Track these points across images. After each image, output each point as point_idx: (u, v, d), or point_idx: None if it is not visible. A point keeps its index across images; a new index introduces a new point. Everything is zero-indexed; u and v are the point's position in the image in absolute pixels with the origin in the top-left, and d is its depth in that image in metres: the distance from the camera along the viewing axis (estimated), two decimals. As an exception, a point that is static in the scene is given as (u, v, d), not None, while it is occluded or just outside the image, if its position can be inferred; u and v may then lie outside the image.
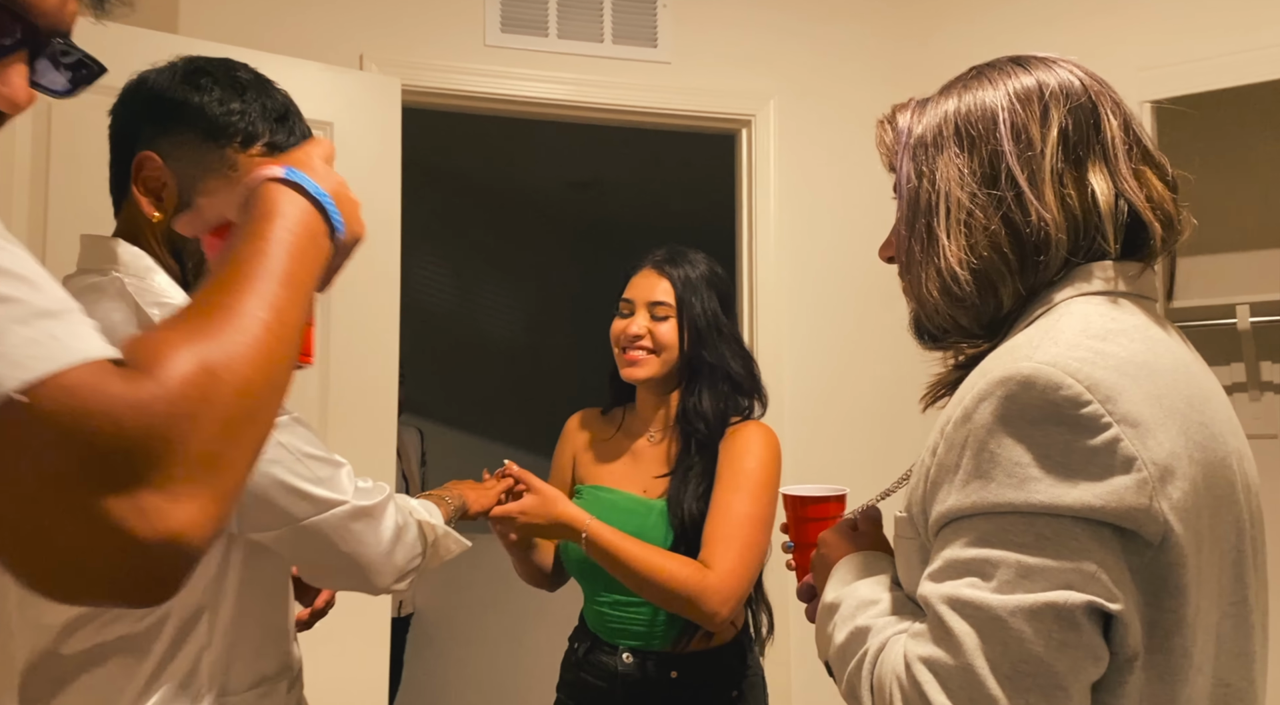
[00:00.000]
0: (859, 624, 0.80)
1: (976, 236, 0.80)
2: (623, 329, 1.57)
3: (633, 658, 1.53)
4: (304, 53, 2.02)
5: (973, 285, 0.80)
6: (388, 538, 1.13)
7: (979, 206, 0.80)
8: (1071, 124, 0.80)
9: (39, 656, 1.05)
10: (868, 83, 2.50)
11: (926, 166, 0.83)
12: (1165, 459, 0.69)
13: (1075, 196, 0.79)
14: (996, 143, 0.80)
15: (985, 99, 0.83)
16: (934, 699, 0.68)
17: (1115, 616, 0.68)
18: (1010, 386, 0.70)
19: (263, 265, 0.57)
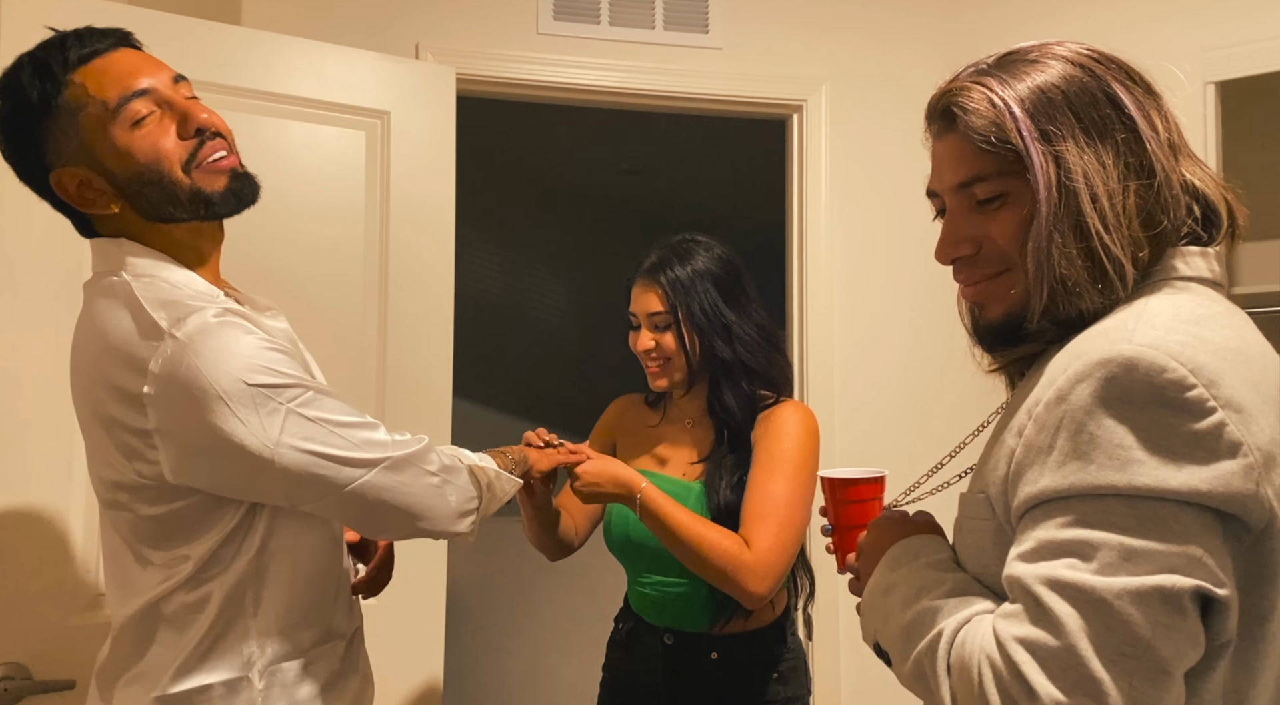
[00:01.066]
0: (927, 604, 0.78)
1: (1127, 219, 0.78)
2: (633, 344, 1.61)
3: (673, 639, 1.55)
4: (361, 43, 2.06)
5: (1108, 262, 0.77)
6: (435, 480, 1.16)
7: (1130, 195, 0.78)
8: (1158, 115, 0.80)
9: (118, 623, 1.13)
10: (922, 65, 2.47)
11: (1061, 156, 0.78)
12: (1268, 445, 0.68)
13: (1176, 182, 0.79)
14: (1132, 126, 0.79)
15: (1089, 83, 0.80)
16: (1034, 680, 0.67)
17: (1219, 602, 0.67)
18: (1111, 368, 0.69)
19: None
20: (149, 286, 1.07)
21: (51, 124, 1.04)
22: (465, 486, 1.21)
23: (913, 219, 2.42)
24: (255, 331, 1.07)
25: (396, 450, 1.13)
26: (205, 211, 1.10)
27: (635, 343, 1.61)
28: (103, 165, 1.05)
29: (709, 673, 1.54)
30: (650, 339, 1.57)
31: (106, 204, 1.07)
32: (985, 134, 0.80)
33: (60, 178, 1.06)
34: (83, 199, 1.07)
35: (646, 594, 1.58)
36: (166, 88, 1.07)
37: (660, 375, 1.59)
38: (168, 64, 1.11)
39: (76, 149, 1.04)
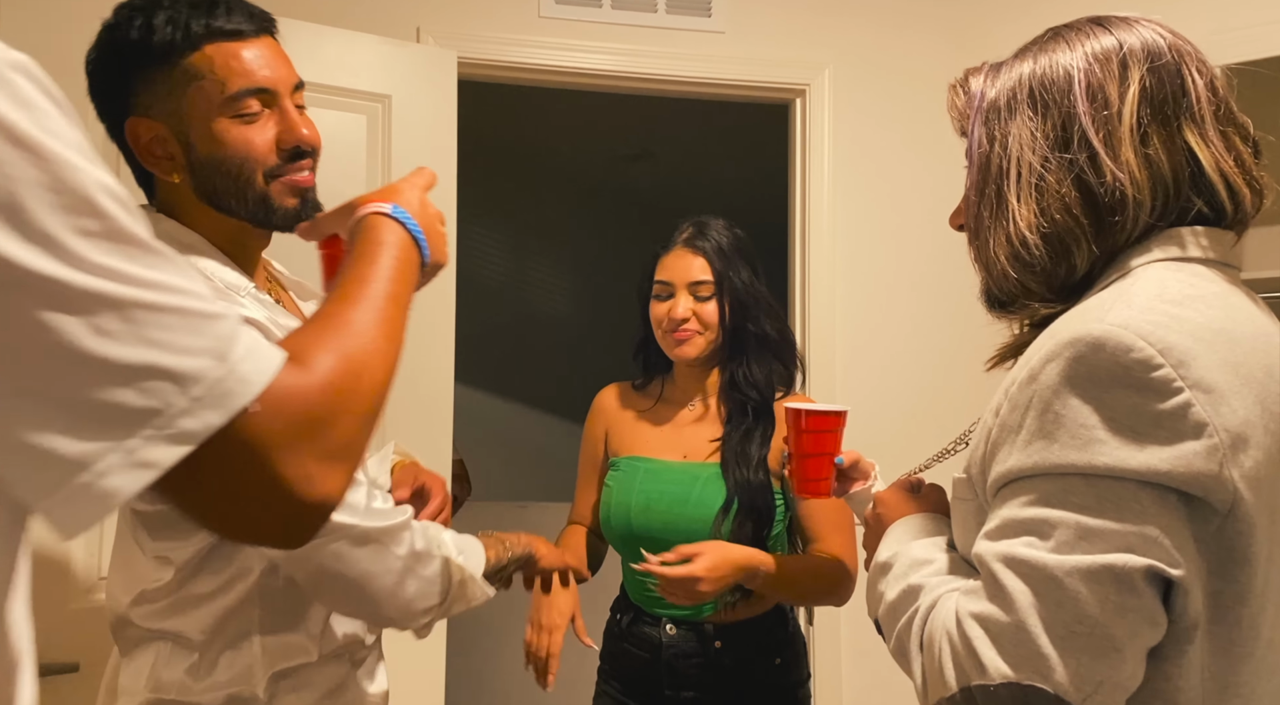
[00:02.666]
0: (911, 582, 0.80)
1: (1049, 200, 0.78)
2: (666, 312, 1.57)
3: (676, 629, 1.54)
4: (362, 26, 2.04)
5: (1043, 249, 0.79)
6: (398, 567, 1.02)
7: (1051, 170, 0.78)
8: (1154, 82, 0.77)
9: (115, 619, 1.10)
10: (925, 51, 2.45)
11: (999, 131, 0.82)
12: (1238, 427, 0.67)
13: (1164, 156, 0.77)
14: (1070, 104, 0.78)
15: (1061, 61, 0.80)
16: (984, 654, 0.68)
17: (1176, 583, 0.67)
18: (1079, 348, 0.69)
19: (373, 287, 0.72)
20: None
21: (158, 75, 0.99)
22: (431, 579, 1.07)
23: (916, 204, 2.41)
24: None
25: (371, 520, 1.00)
26: (262, 219, 1.07)
27: (665, 312, 1.56)
28: (187, 137, 1.01)
29: (713, 661, 1.53)
30: (689, 308, 1.55)
31: (169, 171, 1.02)
32: (958, 125, 0.88)
33: (137, 126, 1.01)
34: (149, 155, 1.02)
35: (647, 584, 1.57)
36: (285, 94, 1.05)
37: (690, 342, 1.55)
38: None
39: (170, 111, 1.00)
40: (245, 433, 0.52)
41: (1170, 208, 0.77)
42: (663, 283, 1.58)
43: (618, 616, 1.65)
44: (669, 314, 1.56)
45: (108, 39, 1.01)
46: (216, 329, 0.52)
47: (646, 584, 1.57)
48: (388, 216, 0.82)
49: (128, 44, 0.99)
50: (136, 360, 0.49)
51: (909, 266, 2.42)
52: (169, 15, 0.99)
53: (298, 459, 0.54)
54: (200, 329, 0.51)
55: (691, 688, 1.54)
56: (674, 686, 1.55)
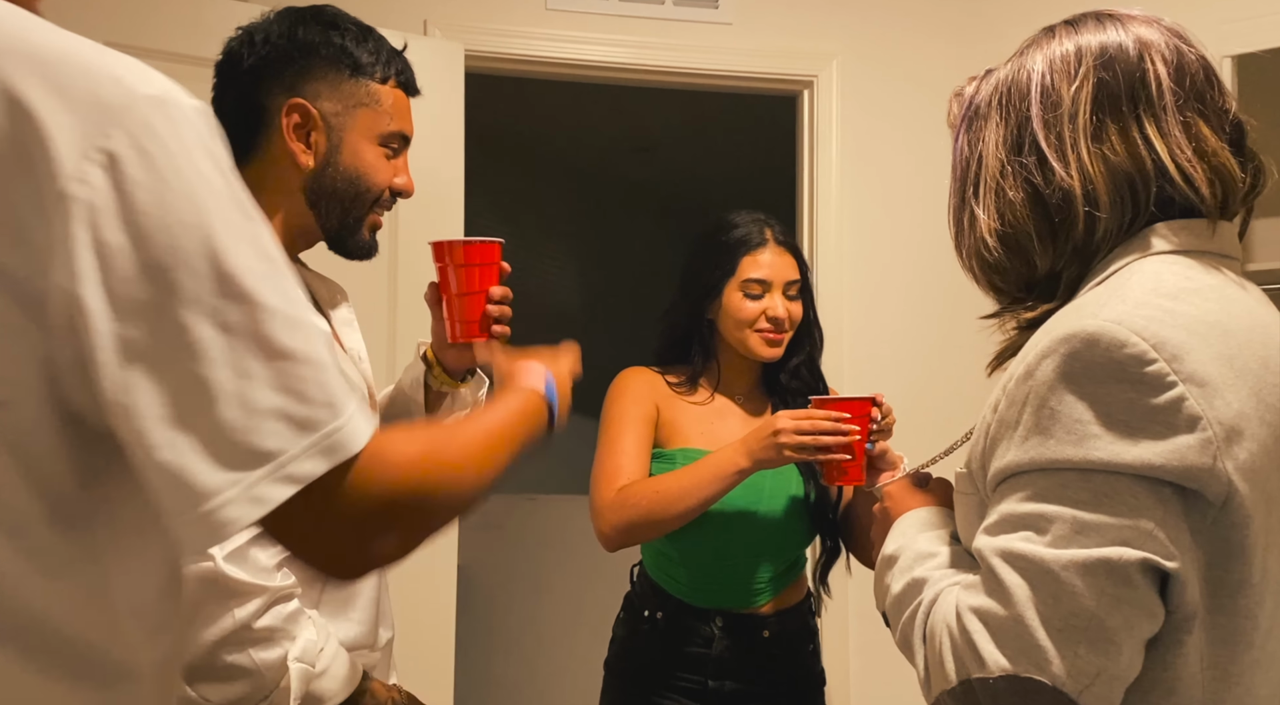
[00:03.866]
0: (915, 576, 0.81)
1: (1003, 204, 0.81)
2: (761, 312, 1.53)
3: (725, 621, 1.54)
4: (369, 19, 2.03)
5: (1000, 251, 0.81)
6: (224, 627, 0.97)
7: (1007, 175, 0.80)
8: (1109, 77, 0.78)
9: None
10: (932, 42, 2.45)
11: (978, 137, 0.84)
12: (1232, 419, 0.68)
13: (1123, 151, 0.77)
14: (1026, 108, 0.80)
15: (1028, 64, 0.82)
16: (983, 648, 0.69)
17: (1172, 575, 0.68)
18: (1073, 344, 0.70)
19: (490, 420, 0.85)
20: None
21: (343, 82, 1.11)
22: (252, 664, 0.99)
23: (922, 195, 2.40)
24: None
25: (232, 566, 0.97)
26: (334, 237, 1.16)
27: (760, 311, 1.53)
28: (340, 139, 1.11)
29: (763, 651, 1.54)
30: (785, 307, 1.54)
31: (308, 156, 1.10)
32: (952, 128, 0.89)
33: (300, 107, 1.08)
34: (298, 132, 1.09)
35: (707, 577, 1.55)
36: (409, 145, 1.21)
37: (779, 343, 1.56)
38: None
39: (335, 112, 1.11)
40: (334, 482, 0.58)
41: (1143, 201, 0.77)
42: (758, 281, 1.54)
43: (648, 613, 1.60)
44: (766, 313, 1.53)
45: (313, 31, 1.12)
46: (337, 386, 0.58)
47: (707, 578, 1.55)
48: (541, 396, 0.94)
49: (333, 45, 1.12)
50: (273, 405, 0.56)
51: (915, 258, 2.42)
52: (376, 45, 1.15)
53: (360, 516, 0.61)
54: (326, 384, 0.58)
55: (737, 680, 1.54)
56: (719, 678, 1.54)
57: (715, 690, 1.55)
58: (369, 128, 1.13)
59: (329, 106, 1.10)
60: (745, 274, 1.54)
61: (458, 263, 1.22)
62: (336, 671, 1.05)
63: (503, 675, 3.38)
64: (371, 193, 1.15)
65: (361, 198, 1.14)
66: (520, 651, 3.38)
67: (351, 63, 1.11)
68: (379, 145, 1.14)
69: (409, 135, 1.19)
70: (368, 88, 1.12)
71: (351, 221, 1.15)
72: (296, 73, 1.10)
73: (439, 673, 1.95)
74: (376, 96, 1.13)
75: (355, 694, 1.07)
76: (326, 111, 1.10)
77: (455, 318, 1.23)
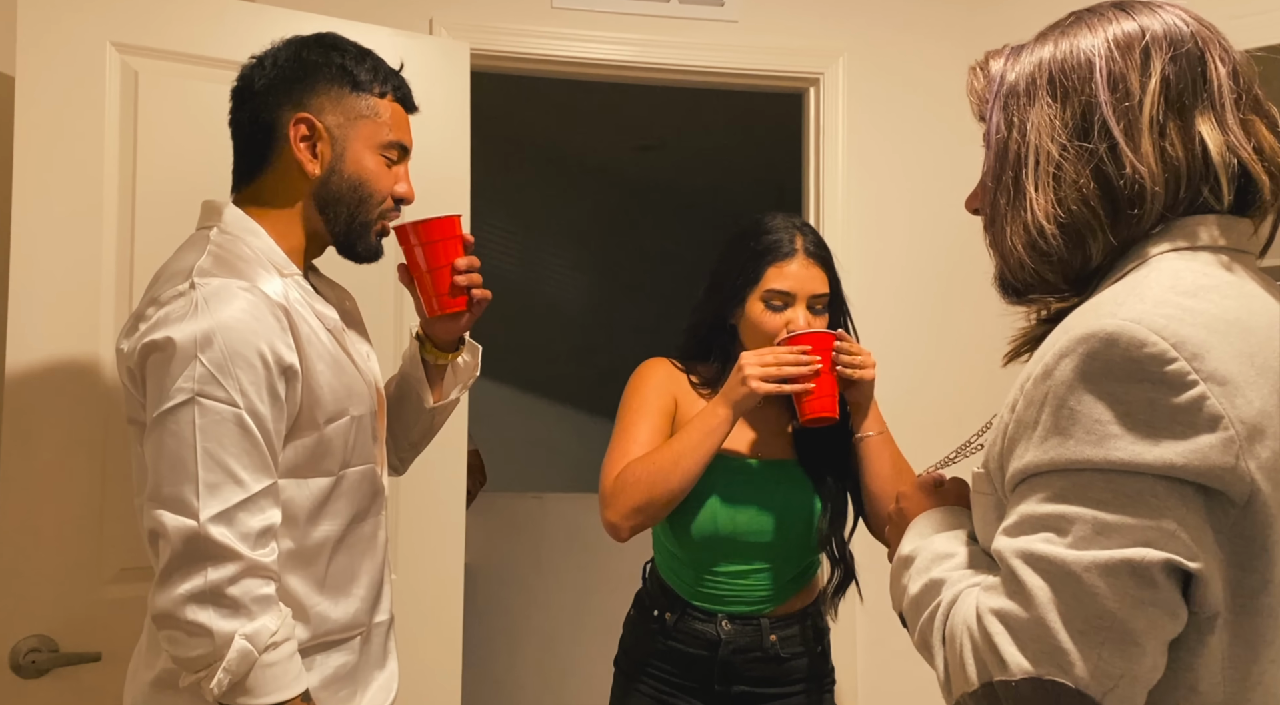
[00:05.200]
0: (934, 576, 0.80)
1: (1066, 190, 0.78)
2: (784, 325, 1.50)
3: (731, 624, 1.53)
4: (374, 18, 2.04)
5: (1060, 239, 0.78)
6: (196, 584, 1.01)
7: (1069, 159, 0.77)
8: (1174, 72, 0.76)
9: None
10: (939, 38, 2.44)
11: (1017, 117, 0.81)
12: (1254, 418, 0.67)
13: (1179, 147, 0.76)
14: (1091, 93, 0.77)
15: (1082, 46, 0.79)
16: (1005, 650, 0.69)
17: (1195, 575, 0.67)
18: (1093, 343, 0.69)
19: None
20: (229, 241, 1.17)
21: (343, 96, 1.22)
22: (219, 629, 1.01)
23: (930, 191, 2.39)
24: (268, 326, 1.10)
25: (219, 528, 1.02)
26: (343, 241, 1.26)
27: (782, 324, 1.50)
28: (343, 150, 1.21)
29: (769, 654, 1.54)
30: (807, 322, 1.51)
31: (315, 164, 1.20)
32: (976, 109, 0.87)
33: (306, 121, 1.20)
34: (305, 144, 1.20)
35: (719, 582, 1.54)
36: (409, 156, 1.31)
37: None
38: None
39: (339, 123, 1.21)
40: None
41: (1183, 197, 0.76)
42: (783, 293, 1.51)
43: (655, 612, 1.60)
44: (788, 327, 1.50)
45: (316, 53, 1.23)
46: None
47: (718, 583, 1.55)
48: None
49: (334, 65, 1.22)
50: None
51: (925, 254, 2.41)
52: (374, 64, 1.26)
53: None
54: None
55: (744, 682, 1.54)
56: (725, 681, 1.54)
57: (722, 693, 1.54)
58: (370, 138, 1.23)
59: (332, 119, 1.21)
60: (770, 284, 1.51)
61: (421, 241, 1.30)
62: (278, 673, 1.05)
63: (509, 673, 3.37)
64: (375, 198, 1.24)
65: (365, 203, 1.23)
66: (527, 650, 3.38)
67: (352, 80, 1.22)
68: (379, 154, 1.24)
69: (407, 146, 1.29)
70: (367, 101, 1.23)
71: (358, 226, 1.24)
72: (302, 90, 1.21)
73: (446, 671, 1.95)
74: (376, 109, 1.24)
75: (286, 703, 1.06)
76: (330, 124, 1.21)
77: (429, 293, 1.31)
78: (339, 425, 1.20)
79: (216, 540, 1.02)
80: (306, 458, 1.16)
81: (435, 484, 1.92)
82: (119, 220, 1.63)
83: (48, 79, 1.59)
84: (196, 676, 1.03)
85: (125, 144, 1.64)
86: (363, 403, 1.25)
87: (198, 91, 1.66)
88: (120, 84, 1.64)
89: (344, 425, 1.20)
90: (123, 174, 1.64)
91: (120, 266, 1.62)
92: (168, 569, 1.03)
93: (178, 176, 1.64)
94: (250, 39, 1.78)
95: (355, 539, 1.24)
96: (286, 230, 1.22)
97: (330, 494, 1.20)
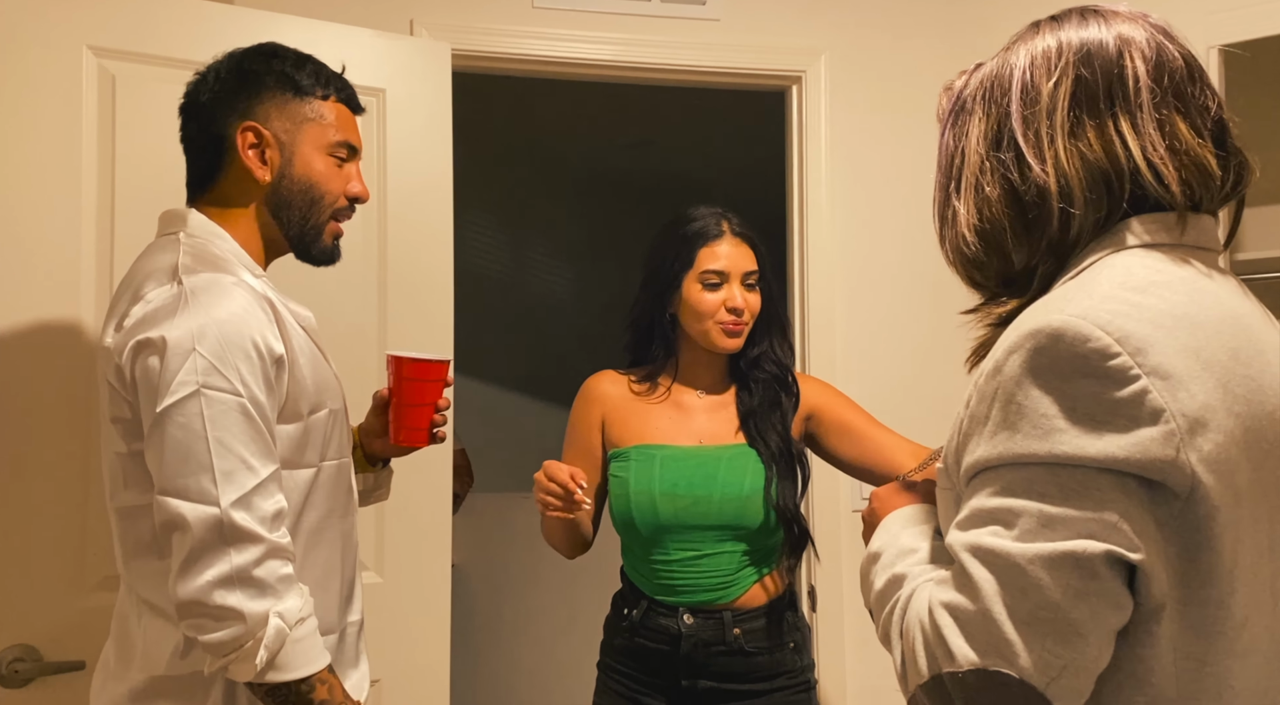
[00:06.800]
0: (896, 572, 0.82)
1: (981, 199, 0.82)
2: (721, 303, 1.56)
3: (694, 618, 1.54)
4: (355, 19, 2.03)
5: (978, 246, 0.82)
6: (223, 569, 1.03)
7: (986, 170, 0.81)
8: (1088, 74, 0.78)
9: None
10: (921, 36, 2.45)
11: (960, 131, 0.85)
12: (1197, 411, 0.68)
13: (1099, 147, 0.77)
14: (1007, 104, 0.81)
15: (1011, 59, 0.83)
16: (952, 642, 0.70)
17: (1137, 566, 0.68)
18: (1039, 339, 0.71)
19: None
20: (199, 244, 1.20)
21: (287, 102, 1.24)
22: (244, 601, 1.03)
23: (913, 189, 2.40)
24: (258, 317, 1.12)
25: (240, 513, 1.04)
26: (302, 244, 1.28)
27: (719, 302, 1.56)
28: (291, 154, 1.24)
29: (732, 648, 1.54)
30: (743, 298, 1.56)
31: (264, 171, 1.23)
32: (940, 123, 0.90)
33: (253, 130, 1.22)
34: (254, 152, 1.22)
35: (672, 572, 1.55)
36: (359, 156, 1.33)
37: (739, 335, 1.58)
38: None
39: (285, 128, 1.24)
40: None
41: (1117, 197, 0.78)
42: (716, 272, 1.57)
43: (625, 610, 1.63)
44: (725, 304, 1.56)
45: (258, 63, 1.25)
46: None
47: (672, 572, 1.56)
48: None
49: (275, 72, 1.25)
50: None
51: (907, 252, 2.42)
52: (315, 68, 1.28)
53: None
54: None
55: (709, 676, 1.54)
56: (691, 676, 1.54)
57: (689, 688, 1.54)
58: (317, 140, 1.25)
59: (279, 125, 1.23)
60: (703, 265, 1.57)
61: (407, 376, 1.35)
62: (306, 648, 1.09)
63: (497, 674, 3.37)
64: (326, 199, 1.26)
65: (317, 204, 1.26)
66: (515, 650, 3.38)
67: (294, 85, 1.25)
68: (328, 155, 1.27)
69: (356, 145, 1.31)
70: (311, 105, 1.26)
71: (310, 229, 1.27)
72: (247, 100, 1.23)
73: (434, 672, 1.95)
74: (320, 112, 1.26)
75: (314, 679, 1.09)
76: (277, 130, 1.23)
77: (399, 423, 1.37)
78: (319, 417, 1.23)
79: (239, 525, 1.04)
80: (293, 448, 1.18)
81: (421, 484, 1.92)
82: (98, 225, 1.61)
83: (24, 83, 1.57)
84: (226, 660, 1.05)
85: (104, 148, 1.63)
86: (337, 398, 1.29)
87: (177, 95, 1.64)
88: (98, 88, 1.62)
89: (323, 417, 1.23)
90: (101, 178, 1.62)
91: (100, 271, 1.61)
92: (190, 557, 1.04)
93: (157, 180, 1.63)
94: (229, 42, 1.77)
95: (335, 535, 1.25)
96: (244, 238, 1.24)
97: (311, 486, 1.22)
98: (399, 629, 1.86)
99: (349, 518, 1.31)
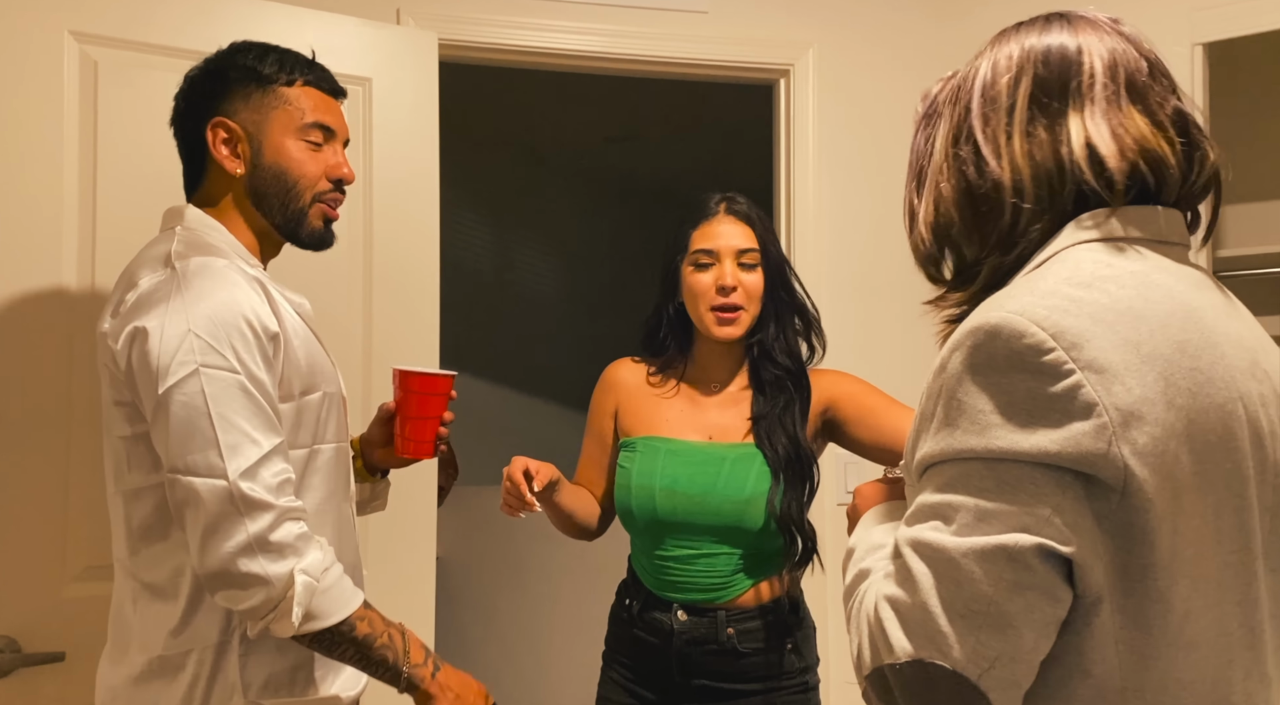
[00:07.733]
0: (863, 566, 0.84)
1: (939, 195, 0.84)
2: (713, 283, 1.49)
3: (687, 615, 1.52)
4: (341, 7, 2.02)
5: (932, 244, 0.85)
6: (241, 539, 1.06)
7: (945, 168, 0.83)
8: (1045, 73, 0.80)
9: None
10: (910, 29, 2.45)
11: (931, 134, 0.87)
12: (1132, 404, 0.69)
13: (1048, 146, 0.78)
14: (968, 102, 0.82)
15: (978, 64, 0.84)
16: (892, 635, 0.72)
17: (1072, 559, 0.69)
18: (978, 336, 0.72)
19: None
20: (194, 235, 1.22)
21: (254, 93, 1.24)
22: (272, 567, 1.06)
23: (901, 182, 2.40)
24: (251, 297, 1.14)
25: (248, 483, 1.07)
26: (291, 230, 1.27)
27: (711, 281, 1.49)
28: (260, 144, 1.24)
29: (725, 648, 1.51)
30: (736, 277, 1.48)
31: (236, 165, 1.24)
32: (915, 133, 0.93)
33: (221, 125, 1.23)
34: (225, 147, 1.23)
35: (669, 567, 1.53)
36: (341, 138, 1.31)
37: (734, 325, 1.51)
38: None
39: (252, 119, 1.24)
40: None
41: (1069, 192, 0.78)
42: (706, 251, 1.50)
43: (626, 601, 1.61)
44: (716, 282, 1.49)
45: (224, 60, 1.27)
46: None
47: (668, 568, 1.54)
48: None
49: (239, 66, 1.25)
50: None
51: (894, 246, 2.42)
52: (279, 57, 1.27)
53: None
54: None
55: (703, 675, 1.52)
56: (684, 674, 1.52)
57: (682, 685, 1.53)
58: (285, 126, 1.25)
59: (246, 117, 1.24)
60: (695, 245, 1.53)
61: (413, 389, 1.35)
62: (337, 593, 1.13)
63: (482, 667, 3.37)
64: (302, 182, 1.25)
65: (293, 189, 1.25)
66: (500, 643, 3.38)
67: (256, 76, 1.25)
68: (299, 139, 1.26)
69: (332, 127, 1.29)
70: (276, 92, 1.25)
71: (293, 214, 1.26)
72: (215, 97, 1.25)
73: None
74: (286, 98, 1.26)
75: (353, 617, 1.15)
76: (244, 121, 1.24)
77: (405, 435, 1.37)
78: (313, 398, 1.24)
79: (248, 495, 1.07)
80: (286, 428, 1.19)
81: (406, 477, 1.91)
82: (80, 213, 1.60)
83: (3, 69, 1.56)
84: (264, 622, 1.09)
85: (85, 135, 1.61)
86: (333, 383, 1.30)
87: (160, 82, 1.62)
88: (79, 74, 1.61)
89: (317, 399, 1.25)
90: (83, 165, 1.61)
91: (81, 260, 1.59)
92: (208, 531, 1.07)
93: (139, 167, 1.62)
94: (213, 29, 1.75)
95: (335, 519, 1.27)
96: (236, 233, 1.26)
97: (306, 467, 1.22)
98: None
99: (348, 503, 1.32)
